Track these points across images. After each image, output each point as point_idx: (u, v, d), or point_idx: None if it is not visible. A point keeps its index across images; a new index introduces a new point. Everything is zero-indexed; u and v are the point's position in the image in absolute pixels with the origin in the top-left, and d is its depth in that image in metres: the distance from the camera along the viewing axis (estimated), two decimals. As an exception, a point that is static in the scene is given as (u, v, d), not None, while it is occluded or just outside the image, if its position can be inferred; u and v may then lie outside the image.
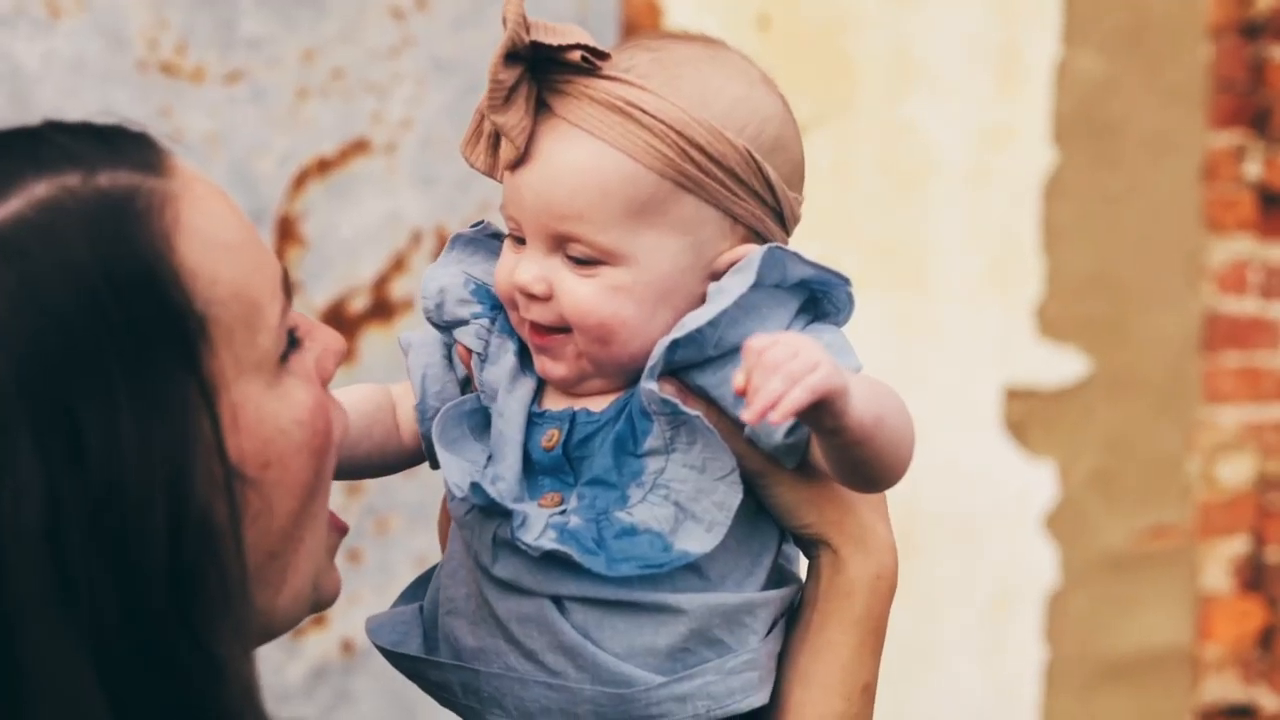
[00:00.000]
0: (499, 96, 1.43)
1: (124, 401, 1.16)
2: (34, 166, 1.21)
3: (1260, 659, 4.20)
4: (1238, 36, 4.11)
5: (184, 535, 1.18)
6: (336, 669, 3.26)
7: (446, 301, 1.54)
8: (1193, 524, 4.14)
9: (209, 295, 1.23)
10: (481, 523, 1.46)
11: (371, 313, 3.26)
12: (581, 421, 1.47)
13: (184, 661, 1.18)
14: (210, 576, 1.19)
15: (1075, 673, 4.07)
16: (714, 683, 1.44)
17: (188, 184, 1.26)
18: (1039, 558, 4.03)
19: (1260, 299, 4.14)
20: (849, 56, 3.82)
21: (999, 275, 3.96)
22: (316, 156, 3.21)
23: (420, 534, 3.23)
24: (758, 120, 1.48)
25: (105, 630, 1.15)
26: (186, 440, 1.18)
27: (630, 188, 1.43)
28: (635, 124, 1.43)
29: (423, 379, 1.55)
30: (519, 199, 1.46)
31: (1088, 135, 4.00)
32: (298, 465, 1.29)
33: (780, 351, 1.28)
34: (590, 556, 1.39)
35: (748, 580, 1.47)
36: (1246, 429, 4.16)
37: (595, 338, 1.45)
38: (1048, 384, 4.02)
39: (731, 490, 1.42)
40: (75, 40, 2.99)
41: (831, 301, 1.48)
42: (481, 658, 1.47)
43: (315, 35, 3.19)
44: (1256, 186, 4.13)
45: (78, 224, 1.18)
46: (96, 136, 1.26)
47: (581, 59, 1.43)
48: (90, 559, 1.14)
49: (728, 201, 1.46)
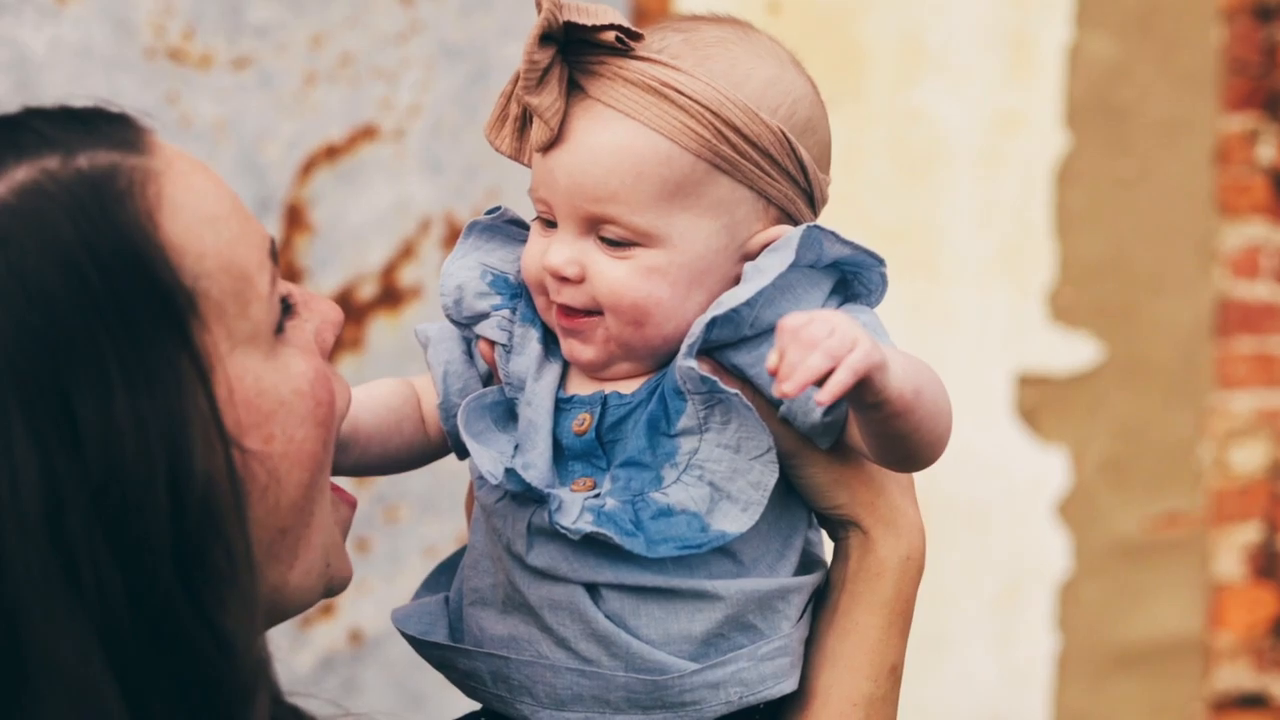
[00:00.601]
0: (533, 77, 1.42)
1: (117, 381, 1.16)
2: (13, 152, 1.21)
3: (1273, 647, 4.18)
4: (1250, 19, 4.08)
5: (186, 512, 1.18)
6: (345, 658, 3.26)
7: (465, 297, 1.54)
8: (1205, 511, 4.12)
9: (197, 270, 1.23)
10: (515, 510, 1.47)
11: (380, 300, 3.25)
12: (613, 404, 1.47)
13: (193, 638, 1.18)
14: (215, 552, 1.19)
15: (1086, 660, 4.05)
16: (746, 669, 1.45)
17: (169, 161, 1.27)
18: (1050, 545, 4.02)
19: (1273, 283, 4.12)
20: (860, 42, 3.80)
21: (1010, 261, 3.95)
22: (325, 143, 3.19)
23: (429, 523, 3.22)
24: (790, 101, 1.48)
25: (111, 610, 1.15)
26: (183, 416, 1.19)
27: (666, 168, 1.43)
28: (671, 104, 1.43)
29: (444, 376, 1.55)
30: (551, 181, 1.46)
31: (1100, 120, 3.98)
32: (302, 436, 1.29)
33: (818, 328, 1.27)
34: (629, 538, 1.40)
35: (779, 563, 1.48)
36: (1259, 415, 4.14)
37: (629, 320, 1.45)
38: (1059, 370, 4.00)
39: (767, 469, 1.42)
40: (82, 26, 2.98)
41: (862, 283, 1.48)
42: (512, 646, 1.47)
43: (323, 21, 3.17)
44: (1269, 170, 4.11)
45: (59, 206, 1.18)
46: (74, 119, 1.26)
47: (616, 39, 1.43)
48: (92, 540, 1.15)
49: (762, 182, 1.46)
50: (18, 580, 1.13)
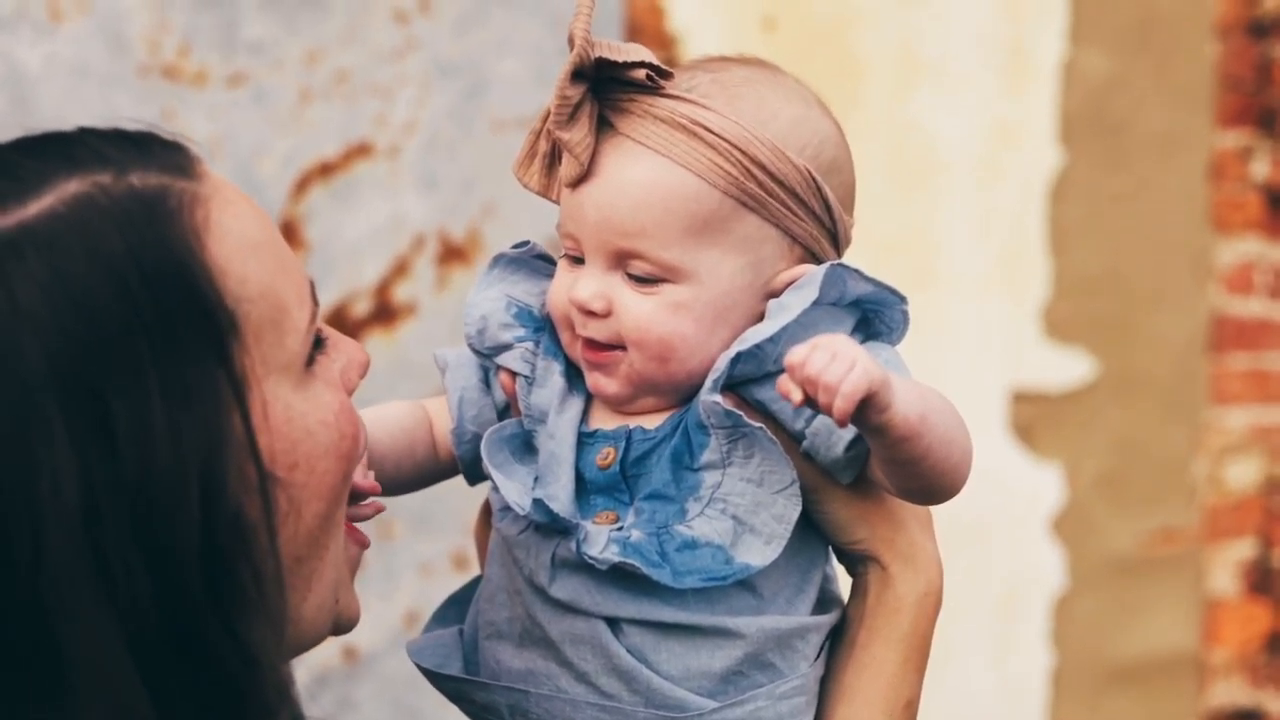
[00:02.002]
0: (565, 113, 1.44)
1: (155, 390, 1.18)
2: (68, 166, 1.23)
3: (1267, 663, 4.18)
4: (1245, 35, 4.09)
5: (217, 526, 1.20)
6: (339, 675, 3.25)
7: (489, 327, 1.55)
8: (1200, 527, 4.12)
9: (239, 293, 1.25)
10: (539, 542, 1.47)
11: (373, 317, 3.25)
12: (637, 439, 1.48)
13: (219, 651, 1.20)
14: (243, 570, 1.21)
15: (1082, 676, 4.05)
16: (764, 708, 1.45)
17: (217, 188, 1.29)
18: (1046, 561, 4.02)
19: (1267, 299, 4.13)
20: (855, 55, 3.80)
21: (1005, 275, 3.95)
22: (319, 159, 3.19)
23: (424, 540, 3.22)
24: (816, 141, 1.50)
25: (141, 615, 1.17)
26: (217, 431, 1.21)
27: (694, 205, 1.44)
28: (700, 142, 1.44)
29: (459, 402, 1.56)
30: (580, 215, 1.47)
31: (1095, 135, 3.98)
32: (324, 468, 1.30)
33: (818, 357, 1.29)
34: (656, 569, 1.40)
35: (798, 598, 1.48)
36: (1254, 431, 4.14)
37: (654, 355, 1.46)
38: (1054, 386, 4.00)
39: (790, 503, 1.43)
40: (77, 43, 2.98)
41: (883, 321, 1.50)
42: (530, 680, 1.48)
43: (318, 38, 3.17)
44: (1263, 187, 4.12)
45: (110, 217, 1.20)
46: (128, 140, 1.28)
47: (646, 77, 1.45)
48: (125, 542, 1.17)
49: (788, 221, 1.47)
50: (55, 578, 1.15)
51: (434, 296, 3.30)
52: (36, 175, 1.22)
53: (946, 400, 1.43)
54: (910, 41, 3.86)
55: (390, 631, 3.26)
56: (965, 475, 1.45)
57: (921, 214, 3.88)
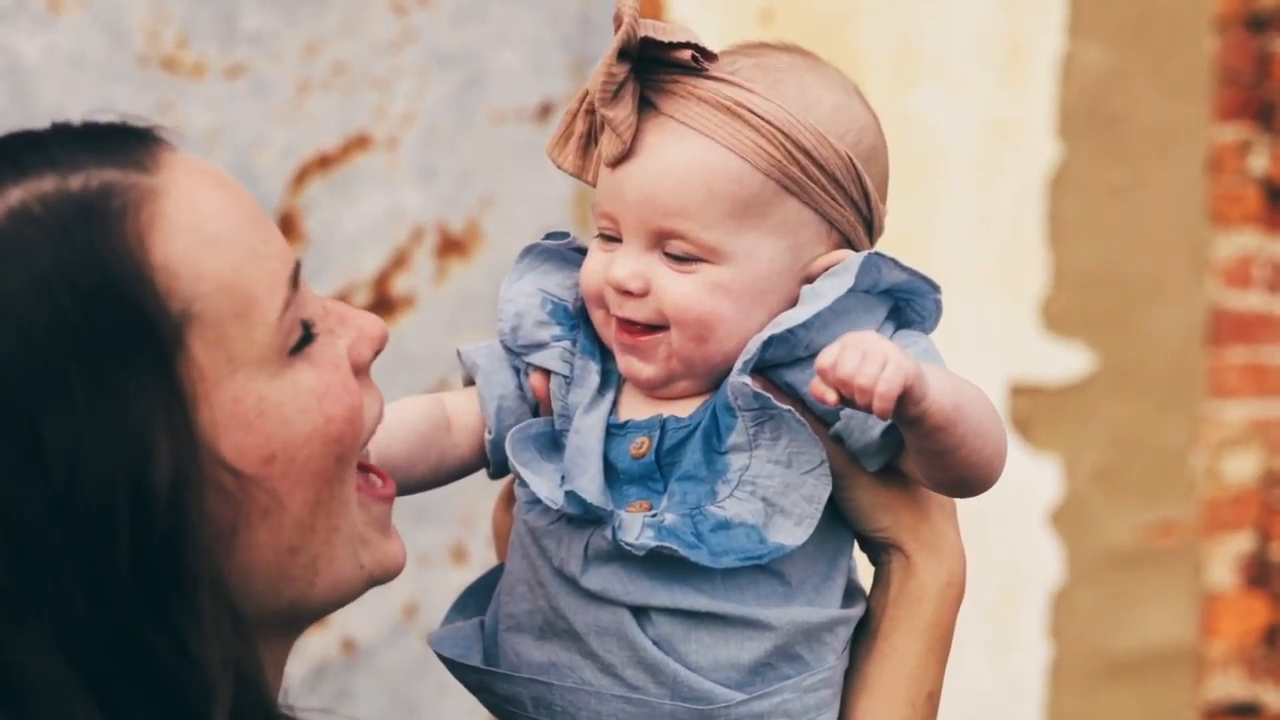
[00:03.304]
0: (610, 90, 1.43)
1: (83, 406, 1.17)
2: (14, 173, 1.22)
3: (1265, 656, 4.18)
4: (1243, 29, 4.08)
5: (147, 538, 1.19)
6: (337, 667, 3.25)
7: (524, 325, 1.54)
8: (1198, 520, 4.12)
9: (192, 292, 1.22)
10: (571, 533, 1.46)
11: (372, 309, 3.24)
12: (672, 428, 1.47)
13: (164, 661, 1.19)
14: (181, 578, 1.20)
15: (1080, 670, 4.05)
16: (791, 700, 1.45)
17: (177, 179, 1.26)
18: (1043, 554, 4.01)
19: (1266, 293, 4.13)
20: (853, 49, 3.80)
21: (1004, 270, 3.95)
22: (318, 151, 3.19)
23: (422, 532, 3.22)
24: (857, 128, 1.50)
25: (76, 627, 1.17)
26: (149, 442, 1.19)
27: (736, 186, 1.44)
28: (744, 124, 1.44)
29: (497, 411, 1.54)
30: (620, 195, 1.47)
31: (1093, 128, 3.98)
32: (306, 454, 1.28)
33: (849, 358, 1.30)
34: (694, 550, 1.40)
35: (826, 585, 1.48)
36: (1252, 424, 4.14)
37: (693, 335, 1.46)
38: (1052, 380, 4.00)
39: (820, 483, 1.43)
40: (76, 35, 2.98)
41: (916, 309, 1.50)
42: (554, 672, 1.47)
43: (316, 29, 3.17)
44: (1262, 180, 4.11)
45: (43, 232, 1.19)
46: (88, 136, 1.26)
47: (691, 58, 1.45)
48: (54, 558, 1.17)
49: (827, 206, 1.47)
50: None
51: (433, 289, 3.29)
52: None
53: (980, 391, 1.43)
54: (909, 36, 3.86)
55: (388, 623, 3.26)
56: (999, 468, 1.45)
57: (920, 208, 3.87)
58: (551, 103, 3.31)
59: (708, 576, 1.43)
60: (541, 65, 3.31)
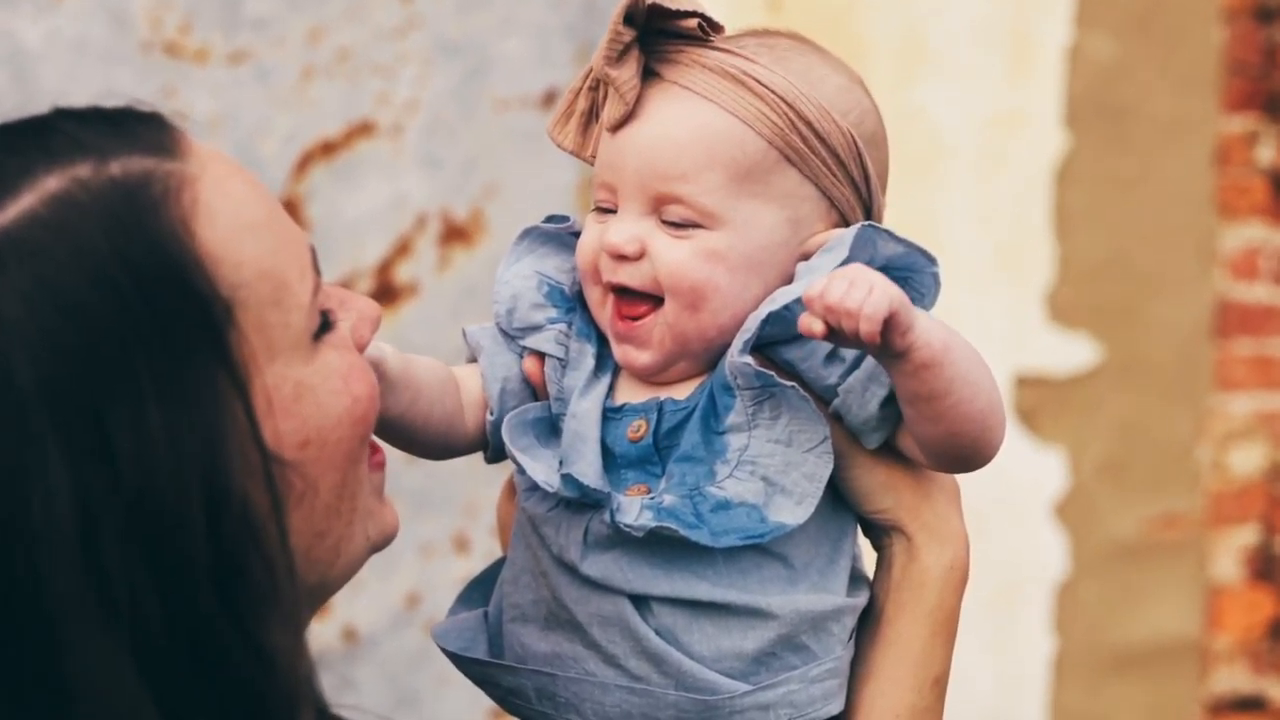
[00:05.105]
0: (615, 51, 1.43)
1: (151, 396, 1.13)
2: (45, 159, 1.17)
3: (1270, 650, 4.18)
4: (1251, 20, 4.07)
5: (223, 529, 1.15)
6: (338, 656, 3.24)
7: (519, 307, 1.52)
8: (1203, 513, 4.11)
9: (235, 279, 1.20)
10: (569, 518, 1.45)
11: (375, 296, 3.23)
12: (669, 410, 1.46)
13: (235, 658, 1.16)
14: (255, 569, 1.17)
15: (1084, 662, 4.05)
16: (797, 691, 1.43)
17: (204, 165, 1.23)
18: (1048, 547, 4.01)
19: (1272, 285, 4.12)
20: (859, 40, 3.79)
21: (1009, 261, 3.94)
22: (321, 138, 3.18)
23: (423, 520, 3.21)
24: (860, 110, 1.50)
25: (150, 632, 1.13)
26: (219, 431, 1.16)
27: (737, 150, 1.44)
28: (748, 91, 1.44)
29: (500, 394, 1.53)
30: (620, 161, 1.46)
31: (1099, 120, 3.97)
32: (337, 437, 1.27)
33: (836, 285, 1.30)
34: (694, 530, 1.38)
35: (830, 569, 1.46)
36: (1258, 417, 4.13)
37: (687, 303, 1.44)
38: (1058, 371, 4.00)
39: (822, 461, 1.42)
40: (78, 20, 2.96)
41: (914, 286, 1.48)
42: (557, 663, 1.46)
43: (320, 15, 3.16)
44: (1269, 172, 4.10)
45: (92, 216, 1.15)
46: (107, 122, 1.22)
47: (698, 26, 1.45)
48: (128, 561, 1.12)
49: (827, 181, 1.47)
50: (53, 599, 1.11)
51: (436, 277, 3.28)
52: (13, 173, 1.17)
53: (973, 347, 1.43)
54: (914, 26, 3.85)
55: (390, 613, 3.25)
56: (996, 435, 1.45)
57: (926, 199, 3.87)
58: (556, 91, 3.30)
59: (709, 561, 1.42)
60: (546, 53, 3.30)
